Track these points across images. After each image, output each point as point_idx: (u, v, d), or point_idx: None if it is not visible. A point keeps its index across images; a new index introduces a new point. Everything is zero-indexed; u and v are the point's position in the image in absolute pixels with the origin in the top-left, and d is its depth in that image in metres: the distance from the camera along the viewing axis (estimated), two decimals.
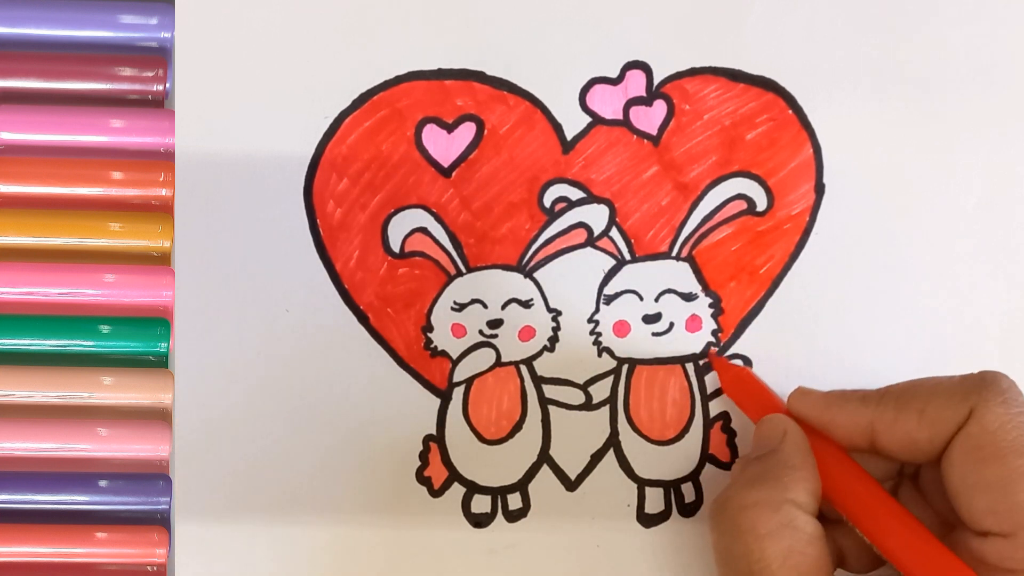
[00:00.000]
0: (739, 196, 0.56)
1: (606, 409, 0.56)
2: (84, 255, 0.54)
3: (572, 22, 0.56)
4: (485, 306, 0.56)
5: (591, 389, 0.56)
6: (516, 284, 0.56)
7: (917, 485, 0.53)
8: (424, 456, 0.55)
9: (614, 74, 0.56)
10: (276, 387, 0.55)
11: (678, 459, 0.56)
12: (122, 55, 0.55)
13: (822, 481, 0.52)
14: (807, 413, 0.53)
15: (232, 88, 0.55)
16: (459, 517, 0.55)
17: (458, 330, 0.56)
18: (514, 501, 0.55)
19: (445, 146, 0.56)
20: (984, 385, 0.50)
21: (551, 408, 0.56)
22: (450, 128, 0.56)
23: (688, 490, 0.56)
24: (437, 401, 0.55)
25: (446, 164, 0.56)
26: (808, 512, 0.51)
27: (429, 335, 0.55)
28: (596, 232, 0.56)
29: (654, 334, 0.56)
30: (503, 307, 0.56)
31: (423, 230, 0.55)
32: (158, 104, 0.55)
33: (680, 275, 0.56)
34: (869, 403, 0.52)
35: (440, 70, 0.56)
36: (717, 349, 0.56)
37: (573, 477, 0.56)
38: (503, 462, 0.55)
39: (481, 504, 0.55)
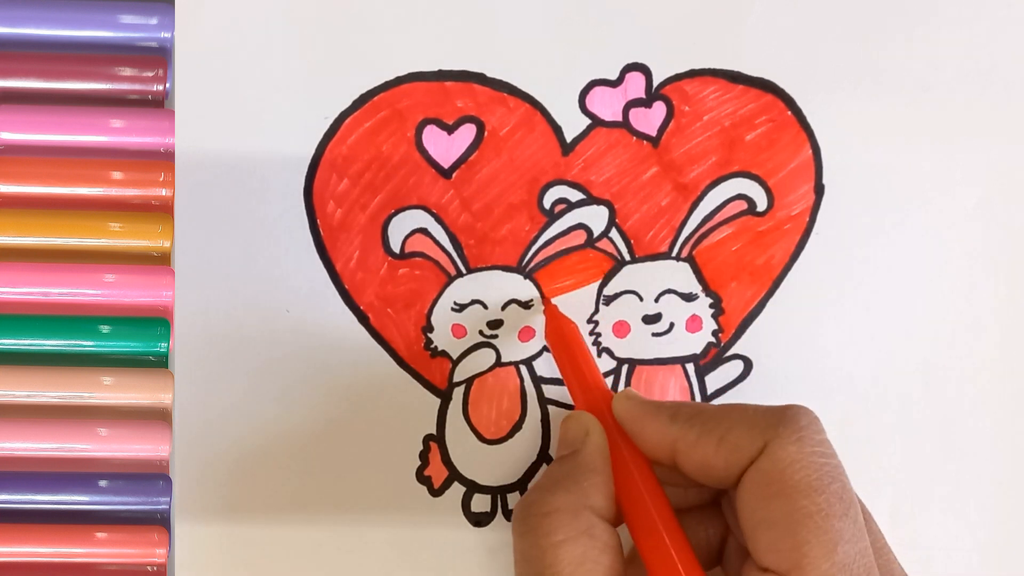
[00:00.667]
0: (739, 196, 0.56)
1: None
2: (84, 255, 0.54)
3: (572, 24, 0.56)
4: (485, 307, 0.56)
5: None
6: (516, 285, 0.56)
7: (731, 503, 0.52)
8: (424, 456, 0.55)
9: (613, 76, 0.56)
10: (276, 387, 0.55)
11: None
12: (122, 55, 0.55)
13: (615, 486, 0.51)
14: (622, 417, 0.52)
15: (232, 88, 0.55)
16: (459, 517, 0.55)
17: (458, 330, 0.56)
18: (514, 500, 0.55)
19: (445, 147, 0.56)
20: (781, 420, 0.49)
21: (551, 408, 0.56)
22: (450, 129, 0.56)
23: None
24: (437, 401, 0.55)
25: (446, 165, 0.56)
26: (607, 518, 0.50)
27: (429, 335, 0.55)
28: (596, 233, 0.56)
29: (654, 334, 0.56)
30: (503, 308, 0.56)
31: (423, 231, 0.55)
32: (158, 104, 0.55)
33: (680, 275, 0.56)
34: (677, 420, 0.50)
35: (440, 71, 0.56)
36: (718, 349, 0.56)
37: None
38: (503, 462, 0.55)
39: (481, 503, 0.55)
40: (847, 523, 0.48)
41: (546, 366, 0.56)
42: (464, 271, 0.56)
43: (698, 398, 0.56)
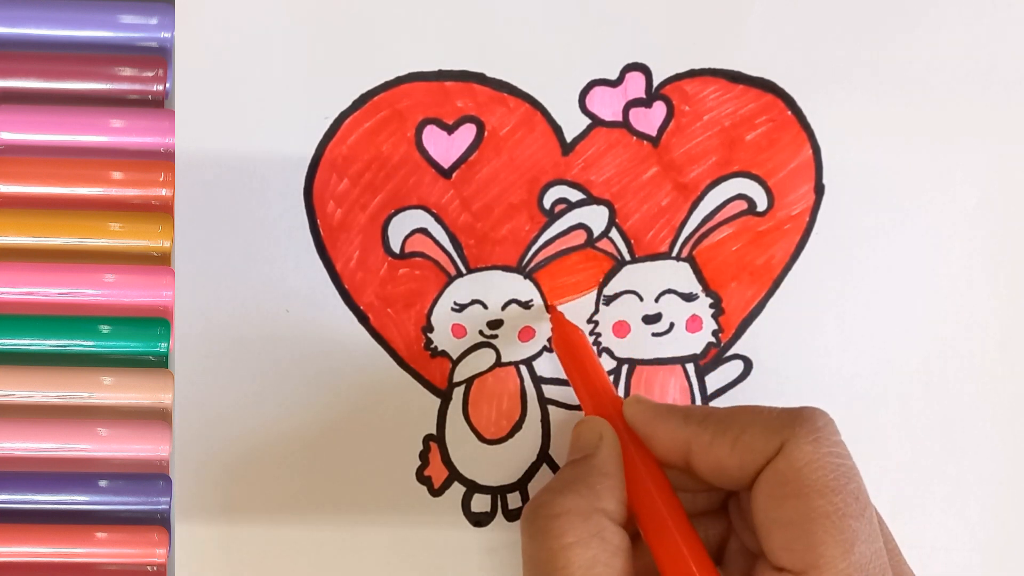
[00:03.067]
0: (739, 196, 0.56)
1: None
2: (84, 255, 0.54)
3: (572, 24, 0.56)
4: (485, 306, 0.56)
5: None
6: (516, 285, 0.56)
7: (740, 505, 0.52)
8: (424, 456, 0.55)
9: (614, 76, 0.56)
10: (276, 387, 0.55)
11: None
12: (122, 55, 0.55)
13: (628, 491, 0.51)
14: (634, 421, 0.52)
15: (232, 88, 0.55)
16: (459, 517, 0.55)
17: (458, 330, 0.56)
18: (514, 500, 0.55)
19: (445, 147, 0.56)
20: (798, 421, 0.49)
21: (551, 408, 0.56)
22: (450, 129, 0.56)
23: None
24: (437, 401, 0.55)
25: (446, 165, 0.56)
26: (618, 522, 0.50)
27: (429, 335, 0.55)
28: (596, 233, 0.56)
29: (654, 334, 0.56)
30: (503, 307, 0.56)
31: (423, 231, 0.55)
32: (158, 104, 0.55)
33: (680, 275, 0.56)
34: (691, 422, 0.50)
35: (440, 71, 0.56)
36: (718, 349, 0.56)
37: None
38: (503, 462, 0.55)
39: (481, 503, 0.55)
40: (863, 523, 0.48)
41: (546, 366, 0.56)
42: (464, 271, 0.56)
43: (698, 398, 0.56)
